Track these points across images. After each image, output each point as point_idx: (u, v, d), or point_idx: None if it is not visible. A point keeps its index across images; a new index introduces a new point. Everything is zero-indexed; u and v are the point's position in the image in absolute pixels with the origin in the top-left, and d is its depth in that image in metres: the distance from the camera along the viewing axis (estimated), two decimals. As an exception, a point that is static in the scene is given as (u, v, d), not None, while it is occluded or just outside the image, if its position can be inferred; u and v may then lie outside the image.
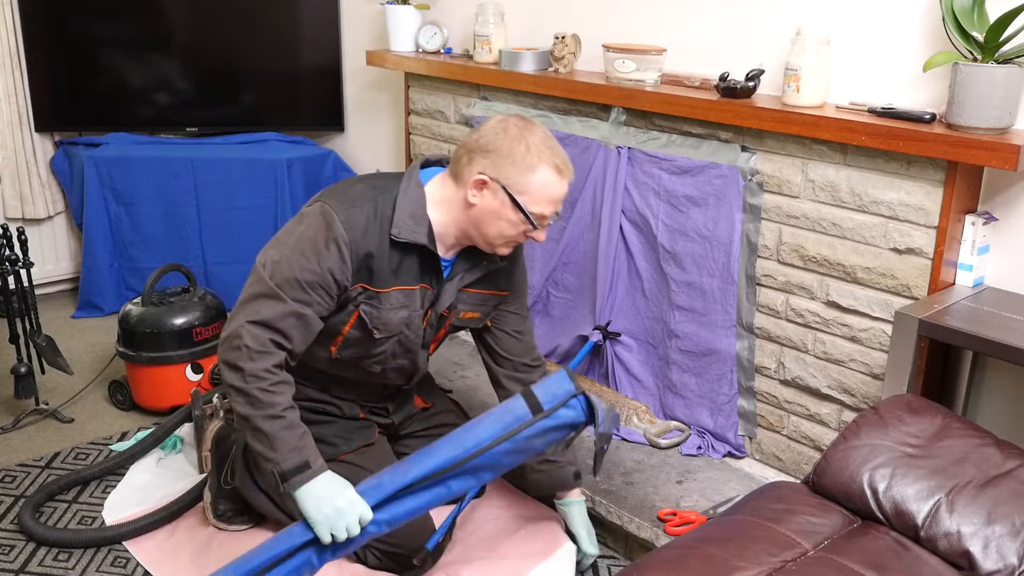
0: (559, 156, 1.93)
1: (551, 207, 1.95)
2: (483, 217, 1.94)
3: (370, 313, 1.98)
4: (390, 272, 1.97)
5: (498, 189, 1.91)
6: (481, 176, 1.91)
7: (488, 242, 1.99)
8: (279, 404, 1.88)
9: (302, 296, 1.89)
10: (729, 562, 1.55)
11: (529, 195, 1.91)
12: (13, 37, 3.54)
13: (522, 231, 1.96)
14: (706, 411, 2.58)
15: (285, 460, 1.86)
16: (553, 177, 1.92)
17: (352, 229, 1.90)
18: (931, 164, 2.03)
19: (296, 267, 1.89)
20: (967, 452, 1.71)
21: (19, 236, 2.81)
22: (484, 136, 1.93)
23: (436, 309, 2.09)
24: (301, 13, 3.77)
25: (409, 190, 1.97)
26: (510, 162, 1.89)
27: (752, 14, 2.41)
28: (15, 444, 2.77)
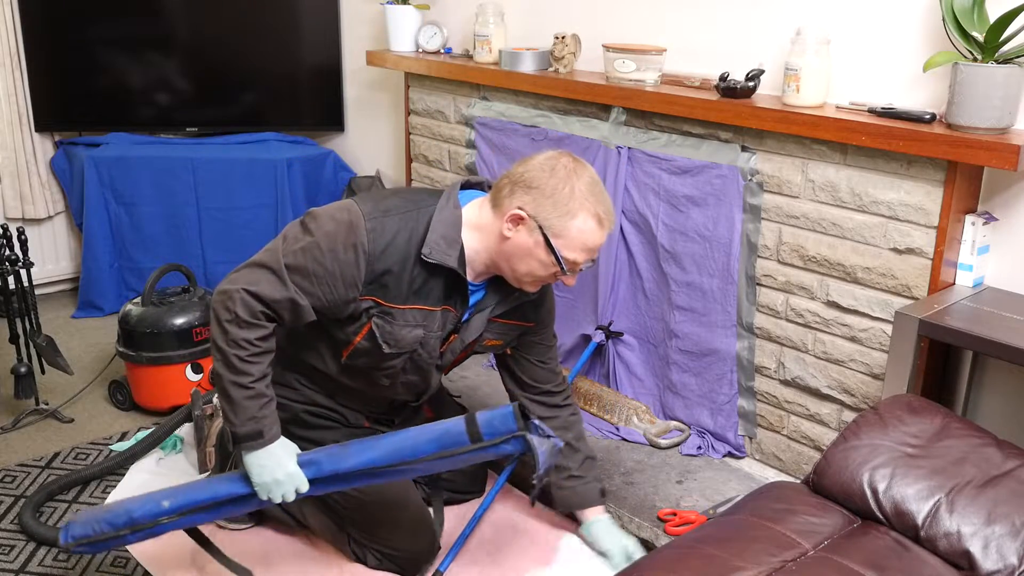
0: (603, 205, 1.87)
1: (585, 255, 1.89)
2: (515, 253, 1.89)
3: (382, 327, 1.95)
4: (410, 290, 1.92)
5: (535, 228, 1.85)
6: (520, 212, 1.85)
7: (517, 278, 1.94)
8: (251, 375, 1.87)
9: (305, 286, 1.87)
10: (729, 562, 1.55)
11: (565, 240, 1.85)
12: (13, 37, 3.54)
13: (552, 273, 1.90)
14: (706, 411, 2.58)
15: (242, 426, 1.87)
16: (593, 226, 1.85)
17: (375, 241, 1.86)
18: (931, 164, 2.03)
19: (310, 256, 1.86)
20: (967, 452, 1.71)
21: (19, 236, 2.81)
22: (531, 171, 1.87)
23: (463, 337, 2.05)
24: (301, 13, 3.77)
25: (446, 210, 1.92)
26: (552, 203, 1.83)
27: (752, 14, 2.41)
28: (15, 444, 2.77)
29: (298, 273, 1.86)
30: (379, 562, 2.16)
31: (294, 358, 2.13)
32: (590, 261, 1.92)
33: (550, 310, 2.22)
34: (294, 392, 2.15)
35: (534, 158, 1.90)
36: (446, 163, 3.28)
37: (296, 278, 1.86)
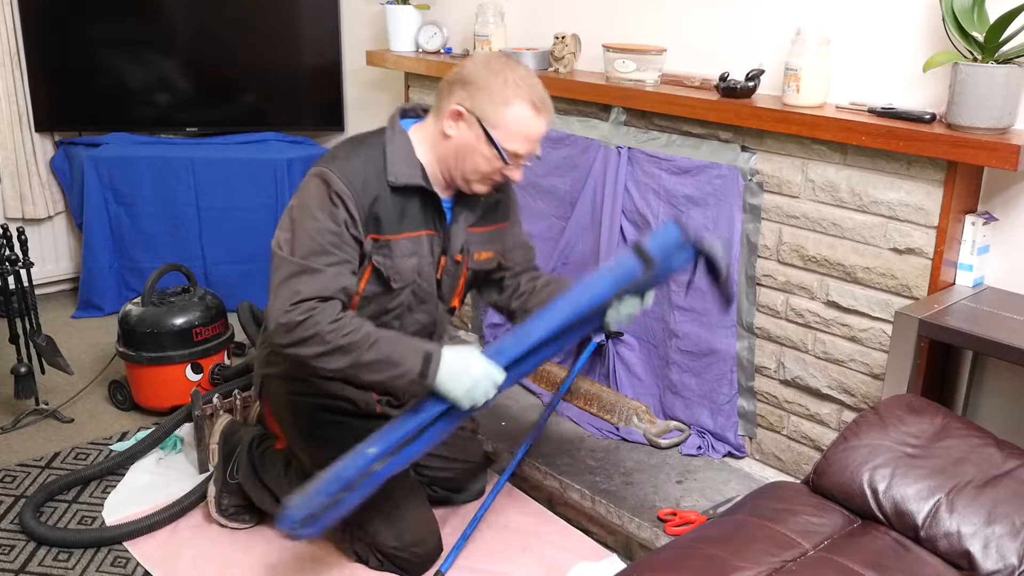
0: (537, 93, 1.91)
1: (525, 145, 1.92)
2: (458, 151, 1.94)
3: (383, 263, 1.97)
4: (396, 219, 1.97)
5: (473, 121, 1.90)
6: (457, 107, 1.91)
7: (464, 178, 1.98)
8: (369, 332, 1.86)
9: (331, 259, 1.88)
10: (729, 562, 1.55)
11: (503, 129, 1.89)
12: (13, 37, 3.54)
13: (496, 168, 1.94)
14: (706, 411, 2.58)
15: (412, 365, 1.84)
16: (528, 112, 1.89)
17: (352, 183, 1.91)
18: (931, 164, 2.03)
19: (313, 233, 1.88)
20: (967, 452, 1.71)
21: (19, 236, 2.81)
22: (465, 68, 1.93)
23: (449, 254, 2.07)
24: (301, 13, 3.77)
25: (395, 138, 1.98)
26: (487, 95, 1.88)
27: (752, 14, 2.41)
28: (15, 444, 2.77)
29: (317, 254, 1.87)
30: (381, 563, 2.16)
31: None
32: (535, 156, 1.97)
33: (516, 204, 2.25)
34: (304, 384, 2.14)
35: (471, 57, 1.96)
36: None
37: (320, 260, 1.87)
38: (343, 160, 1.94)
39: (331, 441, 2.14)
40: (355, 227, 1.91)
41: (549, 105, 1.94)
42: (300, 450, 2.19)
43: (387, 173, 1.94)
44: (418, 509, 2.17)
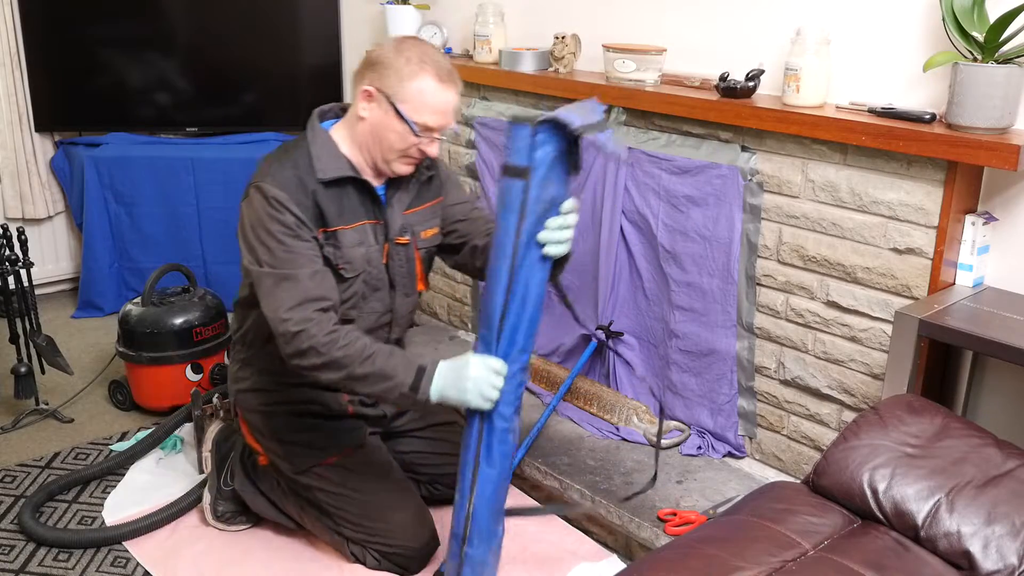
0: (442, 66, 1.96)
1: (435, 117, 1.96)
2: (373, 130, 1.98)
3: (333, 253, 2.01)
4: (337, 212, 2.01)
5: (382, 99, 1.95)
6: (367, 88, 1.96)
7: (384, 159, 2.02)
8: (365, 346, 1.89)
9: (299, 258, 1.92)
10: (729, 562, 1.55)
11: (410, 103, 1.94)
12: (13, 37, 3.54)
13: (411, 143, 1.98)
14: (706, 411, 2.58)
15: (404, 379, 1.87)
16: (433, 84, 1.94)
17: (286, 187, 1.94)
18: (931, 164, 2.03)
19: (273, 242, 1.92)
20: (967, 452, 1.71)
21: (19, 236, 2.81)
22: (374, 52, 1.99)
23: (391, 239, 2.10)
24: (301, 13, 3.77)
25: (316, 138, 2.02)
26: (393, 72, 1.94)
27: (752, 14, 2.41)
28: (15, 444, 2.77)
29: (285, 260, 1.91)
30: (378, 562, 2.16)
31: (264, 358, 2.14)
32: (450, 130, 2.02)
33: (449, 177, 2.27)
34: (274, 394, 2.16)
35: (378, 44, 2.01)
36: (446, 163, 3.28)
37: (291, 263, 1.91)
38: (272, 170, 1.98)
39: (307, 445, 2.15)
40: (304, 225, 1.95)
41: (455, 77, 1.99)
42: (280, 460, 2.19)
43: (315, 171, 1.98)
44: (408, 507, 2.17)
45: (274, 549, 2.28)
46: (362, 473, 2.16)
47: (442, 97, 1.96)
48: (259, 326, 2.04)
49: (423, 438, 2.34)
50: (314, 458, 2.14)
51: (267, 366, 2.15)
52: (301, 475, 2.16)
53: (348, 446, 2.18)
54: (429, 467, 2.32)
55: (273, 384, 2.16)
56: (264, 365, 2.15)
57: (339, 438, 2.18)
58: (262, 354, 2.14)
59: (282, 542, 2.30)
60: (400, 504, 2.16)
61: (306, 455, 2.15)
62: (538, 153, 1.73)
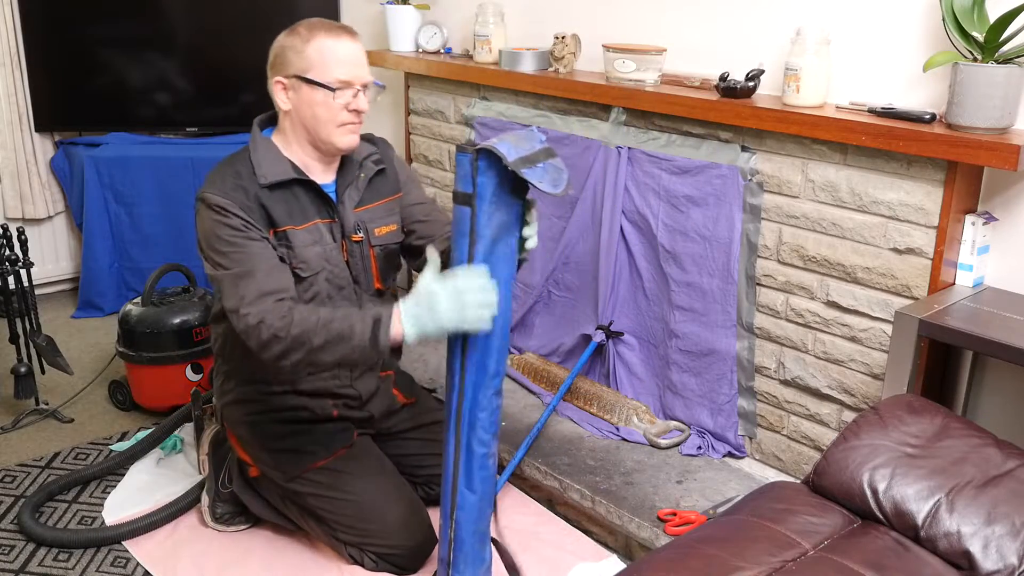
0: (332, 24, 2.01)
1: (344, 68, 1.98)
2: (301, 115, 2.01)
3: (287, 254, 2.02)
4: (286, 214, 2.02)
5: (292, 80, 1.99)
6: (276, 81, 2.01)
7: (324, 138, 2.03)
8: (318, 319, 1.84)
9: (253, 256, 1.94)
10: (729, 562, 1.55)
11: (316, 68, 1.97)
12: (13, 37, 3.54)
13: (340, 106, 1.99)
14: (706, 411, 2.58)
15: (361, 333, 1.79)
16: (328, 41, 1.98)
17: (228, 194, 1.97)
18: (931, 164, 2.03)
19: (225, 246, 1.94)
20: (967, 452, 1.71)
21: (19, 236, 2.81)
22: (270, 51, 2.05)
23: (347, 234, 2.11)
24: (301, 13, 3.73)
25: (257, 146, 2.05)
26: (288, 51, 1.99)
27: (752, 14, 2.41)
28: (15, 444, 2.77)
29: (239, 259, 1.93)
30: (376, 563, 2.16)
31: (245, 369, 2.15)
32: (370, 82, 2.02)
33: (404, 169, 2.29)
34: (258, 404, 2.17)
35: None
36: (446, 163, 3.28)
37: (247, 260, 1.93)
38: (215, 180, 2.01)
39: (295, 451, 2.15)
40: (252, 226, 1.97)
41: (349, 28, 2.03)
42: (270, 469, 2.19)
43: (257, 177, 2.00)
44: (402, 506, 2.16)
45: (274, 549, 2.28)
46: (353, 475, 2.15)
47: (342, 48, 1.99)
48: (236, 336, 2.00)
49: (415, 439, 2.33)
50: (303, 464, 2.14)
51: (249, 376, 2.17)
52: (292, 482, 2.15)
53: (336, 448, 2.17)
54: (424, 468, 2.32)
55: (256, 394, 2.16)
56: (246, 376, 2.17)
57: (326, 441, 2.17)
58: (242, 365, 2.16)
59: (282, 542, 2.30)
60: (393, 504, 2.15)
61: (295, 461, 2.14)
62: (480, 179, 1.65)
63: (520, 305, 3.08)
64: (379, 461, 2.22)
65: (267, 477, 2.22)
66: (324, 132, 2.02)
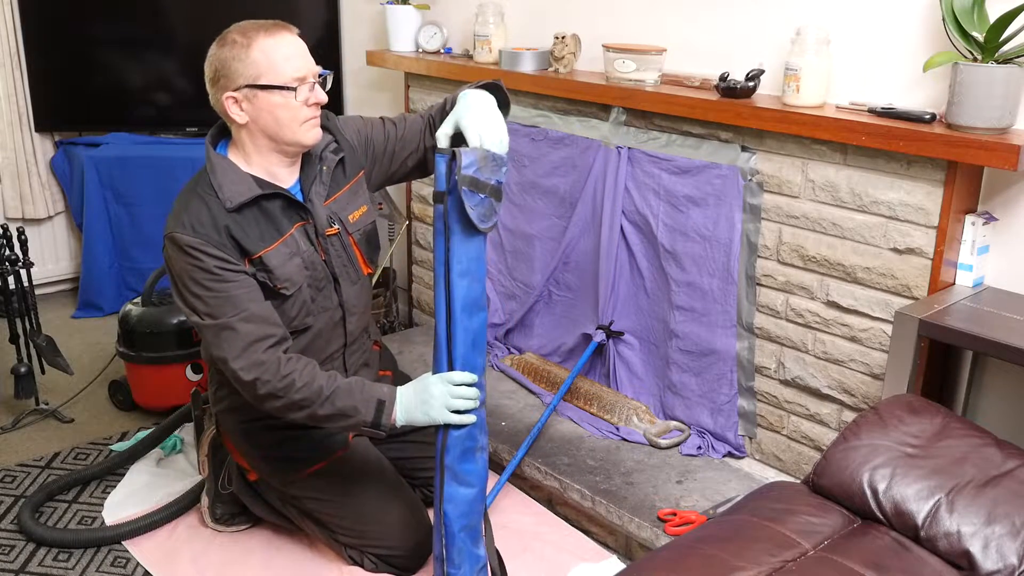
0: (259, 24, 1.92)
1: (293, 63, 1.90)
2: (262, 124, 1.93)
3: (268, 277, 1.96)
4: (257, 236, 1.95)
5: (244, 91, 1.90)
6: (227, 96, 1.91)
7: (289, 139, 1.95)
8: (321, 386, 1.88)
9: (231, 301, 1.89)
10: (729, 562, 1.55)
11: (266, 72, 1.89)
12: (13, 37, 3.54)
13: (301, 103, 1.91)
14: (706, 411, 2.58)
15: (365, 414, 1.89)
16: (269, 41, 1.89)
17: (197, 231, 1.89)
18: (931, 164, 2.03)
19: (201, 290, 1.89)
20: (967, 452, 1.71)
21: (19, 236, 2.81)
22: (206, 68, 1.95)
23: (320, 230, 2.05)
24: (301, 13, 3.77)
25: (215, 166, 1.96)
26: (234, 64, 1.89)
27: (752, 14, 2.41)
28: (15, 444, 2.77)
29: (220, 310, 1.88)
30: (376, 565, 2.16)
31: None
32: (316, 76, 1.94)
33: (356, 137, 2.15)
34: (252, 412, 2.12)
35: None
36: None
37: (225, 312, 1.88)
38: (180, 215, 1.92)
39: (291, 457, 2.14)
40: (227, 262, 1.90)
41: (280, 24, 1.93)
42: (268, 475, 2.19)
43: (223, 201, 1.92)
44: (401, 507, 2.16)
45: (274, 549, 2.28)
46: (351, 477, 2.15)
47: (285, 45, 1.91)
48: None
49: (412, 442, 2.32)
50: (299, 469, 2.13)
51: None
52: (290, 487, 2.15)
53: (333, 452, 2.15)
54: (422, 471, 2.31)
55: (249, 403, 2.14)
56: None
57: (322, 445, 2.15)
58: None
59: (282, 542, 2.30)
60: (392, 505, 2.15)
61: (291, 466, 2.14)
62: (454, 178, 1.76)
63: (520, 305, 3.08)
64: (378, 462, 2.22)
65: (264, 483, 2.22)
66: (288, 134, 1.94)
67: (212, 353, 1.92)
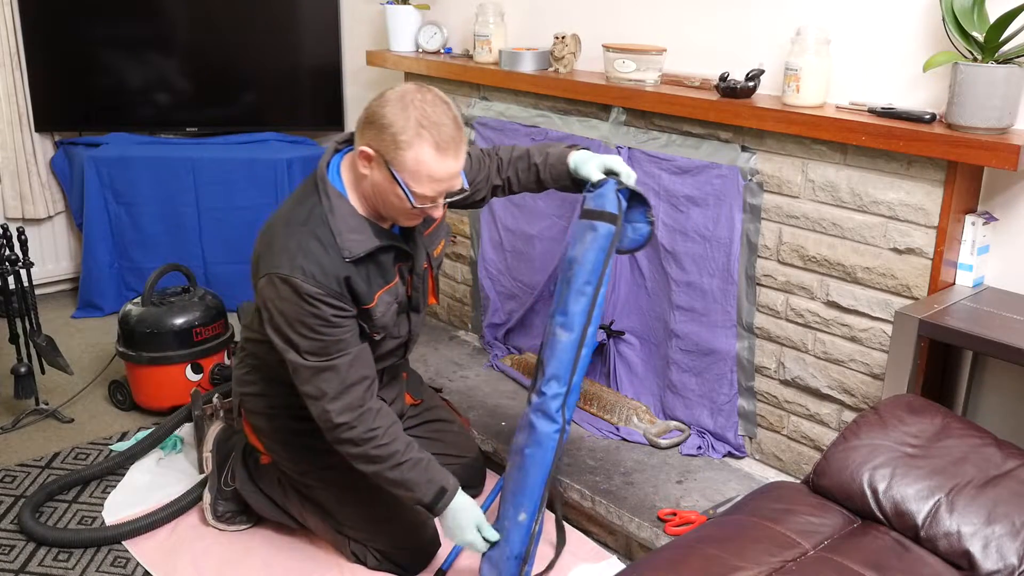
0: (443, 134, 1.80)
1: (432, 186, 1.83)
2: (375, 189, 1.89)
3: (368, 325, 1.97)
4: (367, 286, 1.94)
5: (381, 163, 1.83)
6: (366, 149, 1.84)
7: (388, 215, 1.93)
8: (397, 451, 1.94)
9: (338, 348, 1.90)
10: (729, 562, 1.55)
11: (408, 173, 1.81)
12: (13, 37, 3.54)
13: (409, 208, 1.86)
14: (706, 411, 2.58)
15: (423, 495, 1.98)
16: (430, 155, 1.79)
17: (319, 281, 1.86)
18: (931, 164, 2.03)
19: (311, 333, 1.88)
20: (967, 452, 1.71)
21: (19, 236, 2.81)
22: (374, 106, 1.84)
23: (416, 271, 2.07)
24: (301, 13, 3.77)
25: (334, 207, 1.90)
26: (390, 136, 1.80)
27: (752, 14, 2.41)
28: (15, 444, 2.77)
29: (326, 351, 1.89)
30: (379, 562, 2.16)
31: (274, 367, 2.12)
32: (453, 192, 1.89)
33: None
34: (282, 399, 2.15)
35: (384, 93, 1.86)
36: None
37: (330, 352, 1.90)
38: (295, 257, 1.86)
39: (311, 447, 2.14)
40: (342, 311, 1.90)
41: (456, 144, 1.83)
42: (284, 461, 2.19)
43: (341, 250, 1.88)
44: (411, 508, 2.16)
45: (275, 548, 2.28)
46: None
47: (441, 167, 1.81)
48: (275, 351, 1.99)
49: (419, 437, 2.33)
50: (318, 460, 2.14)
51: (276, 376, 2.12)
52: (305, 475, 2.16)
53: None
54: None
55: (281, 391, 2.13)
56: (274, 375, 2.13)
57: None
58: (273, 364, 2.11)
59: (283, 542, 2.30)
60: (402, 505, 2.15)
61: (310, 457, 2.15)
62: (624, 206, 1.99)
63: (520, 305, 3.08)
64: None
65: (273, 468, 2.22)
66: (390, 213, 1.92)
67: (304, 388, 1.93)
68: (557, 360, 1.97)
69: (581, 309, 1.96)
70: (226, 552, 2.26)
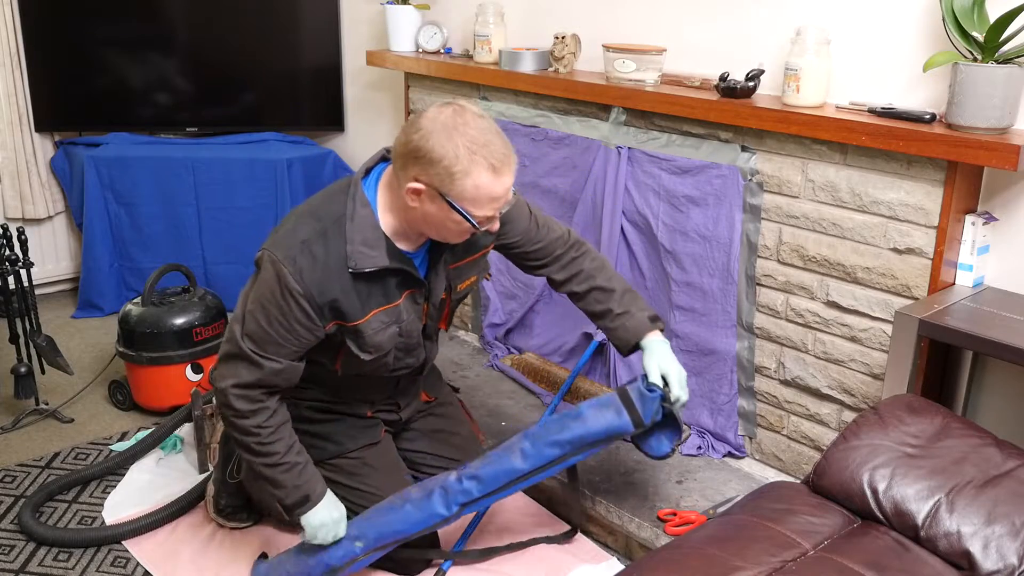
0: (495, 153, 1.77)
1: (492, 206, 1.81)
2: (427, 220, 1.84)
3: (355, 342, 1.94)
4: (364, 301, 1.90)
5: (435, 195, 1.78)
6: (416, 184, 1.78)
7: (442, 237, 1.90)
8: (277, 453, 1.95)
9: (276, 351, 1.88)
10: (729, 562, 1.55)
11: (468, 200, 1.78)
12: (13, 37, 3.54)
13: (468, 229, 1.84)
14: (706, 411, 2.58)
15: (286, 497, 1.98)
16: (488, 178, 1.76)
17: (307, 281, 1.83)
18: (931, 164, 2.03)
19: (264, 324, 1.86)
20: (967, 452, 1.71)
21: (19, 236, 2.81)
22: (414, 138, 1.77)
23: (433, 301, 2.04)
24: (301, 13, 3.77)
25: (356, 215, 1.86)
26: (443, 168, 1.74)
27: (752, 14, 2.41)
28: (15, 444, 2.77)
29: (263, 345, 1.88)
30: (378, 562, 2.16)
31: None
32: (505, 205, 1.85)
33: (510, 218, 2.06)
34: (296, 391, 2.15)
35: (419, 121, 1.80)
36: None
37: (266, 350, 1.88)
38: (298, 252, 1.84)
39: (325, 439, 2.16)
40: (309, 322, 1.86)
41: (508, 159, 1.79)
42: None
43: (347, 258, 1.84)
44: None
45: (274, 548, 2.28)
46: (375, 468, 2.16)
47: (499, 187, 1.78)
48: None
49: (426, 437, 2.33)
50: (327, 451, 2.15)
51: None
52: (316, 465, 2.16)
53: (366, 442, 2.18)
54: (427, 468, 2.31)
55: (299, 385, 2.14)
56: None
57: (355, 435, 2.17)
58: None
59: (283, 540, 2.30)
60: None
61: (320, 447, 2.15)
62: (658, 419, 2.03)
63: (520, 305, 3.08)
64: (396, 461, 2.24)
65: None
66: (441, 234, 1.88)
67: (223, 361, 1.93)
68: (495, 472, 2.01)
69: (544, 455, 2.00)
70: (226, 552, 2.26)
